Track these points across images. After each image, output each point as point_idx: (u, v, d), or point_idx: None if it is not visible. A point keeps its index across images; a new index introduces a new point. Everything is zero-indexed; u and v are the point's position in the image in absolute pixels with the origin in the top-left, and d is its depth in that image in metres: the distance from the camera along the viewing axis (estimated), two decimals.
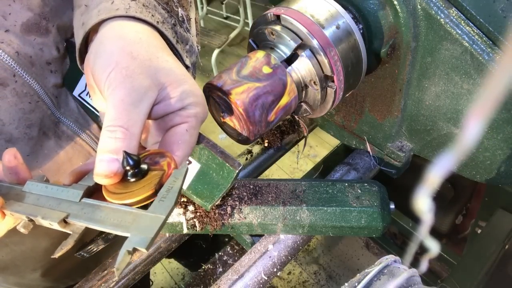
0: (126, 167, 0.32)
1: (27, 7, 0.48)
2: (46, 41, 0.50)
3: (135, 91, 0.34)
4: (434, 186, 0.16)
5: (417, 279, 0.37)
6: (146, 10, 0.41)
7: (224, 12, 3.29)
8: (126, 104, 0.34)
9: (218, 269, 1.08)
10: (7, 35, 0.46)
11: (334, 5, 0.48)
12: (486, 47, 0.44)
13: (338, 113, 0.68)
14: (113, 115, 0.33)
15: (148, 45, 0.38)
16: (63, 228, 0.32)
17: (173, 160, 0.34)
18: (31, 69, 0.49)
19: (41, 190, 0.35)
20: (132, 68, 0.35)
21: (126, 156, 0.31)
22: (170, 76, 0.37)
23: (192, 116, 0.37)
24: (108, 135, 0.33)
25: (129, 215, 0.30)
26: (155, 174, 0.32)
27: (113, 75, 0.35)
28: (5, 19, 0.46)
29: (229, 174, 0.47)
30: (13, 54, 0.47)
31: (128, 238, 0.28)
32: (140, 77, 0.35)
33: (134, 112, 0.34)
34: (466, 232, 1.28)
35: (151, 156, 0.35)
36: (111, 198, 0.32)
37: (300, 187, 0.56)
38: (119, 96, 0.34)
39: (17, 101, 0.49)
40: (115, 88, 0.34)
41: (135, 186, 0.32)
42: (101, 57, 0.36)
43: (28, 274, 0.68)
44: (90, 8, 0.41)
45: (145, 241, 0.27)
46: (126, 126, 0.33)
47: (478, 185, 1.21)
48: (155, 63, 0.37)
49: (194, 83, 0.38)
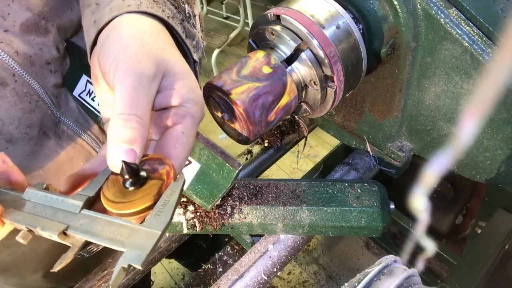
0: (124, 176, 0.31)
1: (26, 7, 0.48)
2: (45, 41, 0.50)
3: (145, 78, 0.34)
4: (431, 186, 0.16)
5: (417, 279, 0.37)
6: (157, 5, 0.41)
7: (224, 12, 3.29)
8: (138, 92, 0.33)
9: (218, 269, 1.08)
10: (6, 35, 0.46)
11: (334, 5, 0.48)
12: (486, 47, 0.44)
13: (338, 113, 0.68)
14: (125, 102, 0.33)
15: (157, 37, 0.38)
16: (63, 240, 0.32)
17: (172, 169, 0.33)
18: (31, 69, 0.49)
19: (40, 198, 0.35)
20: (141, 55, 0.35)
21: (125, 165, 0.31)
22: (175, 68, 0.37)
23: (189, 115, 0.36)
24: (122, 124, 0.32)
25: (125, 229, 0.30)
26: (154, 184, 0.32)
27: (122, 58, 0.34)
28: (4, 19, 0.46)
29: (229, 174, 0.47)
30: (12, 53, 0.47)
31: (123, 254, 0.28)
32: (148, 64, 0.34)
33: (145, 100, 0.33)
34: (466, 232, 1.28)
35: (149, 162, 0.34)
36: (109, 207, 0.32)
37: (300, 187, 0.56)
38: (131, 83, 0.33)
39: (17, 100, 0.49)
40: (124, 74, 0.34)
41: (134, 195, 0.32)
42: (110, 40, 0.36)
43: (29, 275, 0.68)
44: (101, 6, 0.41)
45: (140, 258, 0.27)
46: (140, 115, 0.32)
47: (478, 185, 1.21)
48: (161, 53, 0.37)
49: (196, 81, 0.38)
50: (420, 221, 0.18)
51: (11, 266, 0.65)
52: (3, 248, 0.61)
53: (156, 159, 0.34)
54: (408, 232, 1.31)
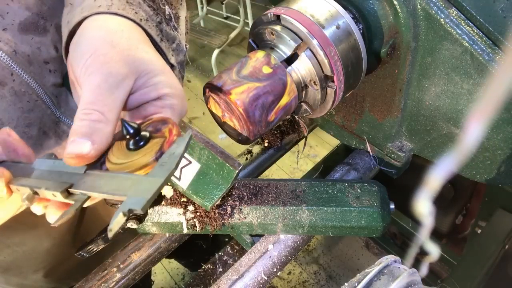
0: (126, 136, 0.31)
1: (25, 6, 0.48)
2: (44, 40, 0.50)
3: (112, 77, 0.34)
4: (435, 189, 0.16)
5: (417, 279, 0.37)
6: (130, 7, 0.41)
7: (224, 12, 3.29)
8: (102, 90, 0.33)
9: (218, 269, 1.08)
10: (4, 33, 0.46)
11: (334, 5, 0.48)
12: (486, 47, 0.44)
13: (338, 113, 0.68)
14: (88, 99, 0.33)
15: (129, 36, 0.38)
16: (66, 199, 0.32)
17: (175, 127, 0.33)
18: (29, 68, 0.49)
19: (48, 165, 0.35)
20: (111, 55, 0.35)
21: (124, 124, 0.31)
22: (148, 66, 0.37)
23: (167, 107, 0.36)
24: (82, 117, 0.32)
25: (128, 181, 0.30)
26: (157, 142, 0.32)
27: (90, 61, 0.34)
28: (3, 18, 0.46)
29: (229, 174, 0.47)
30: (10, 52, 0.47)
31: (124, 201, 0.28)
32: (118, 64, 0.34)
33: (111, 98, 0.33)
34: (466, 232, 1.28)
35: (153, 124, 0.34)
36: (113, 169, 0.32)
37: (300, 187, 0.56)
38: (96, 81, 0.33)
39: (16, 100, 0.49)
40: (91, 74, 0.34)
41: (137, 155, 0.32)
42: (80, 45, 0.36)
43: (30, 275, 0.68)
44: (74, 6, 0.41)
45: (141, 202, 0.27)
46: (102, 111, 0.32)
47: (478, 185, 1.21)
48: (133, 52, 0.36)
49: (173, 76, 0.38)
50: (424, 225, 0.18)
51: (12, 266, 0.65)
52: (4, 247, 0.61)
53: (160, 121, 0.34)
54: (408, 232, 1.31)
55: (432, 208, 0.17)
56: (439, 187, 0.16)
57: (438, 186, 0.16)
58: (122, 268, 0.57)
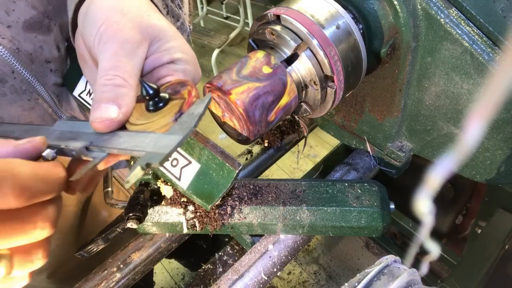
0: (145, 97, 0.32)
1: (31, 5, 0.48)
2: (47, 39, 0.50)
3: (128, 43, 0.34)
4: (435, 189, 0.16)
5: (417, 279, 0.37)
6: None
7: (224, 12, 3.29)
8: (120, 56, 0.33)
9: (218, 269, 1.08)
10: (8, 30, 0.46)
11: (334, 5, 0.48)
12: (486, 47, 0.44)
13: (338, 113, 0.68)
14: (108, 65, 0.32)
15: (138, 5, 0.38)
16: (85, 157, 0.32)
17: (194, 88, 0.33)
18: (31, 66, 0.49)
19: (69, 126, 0.36)
20: (123, 23, 0.35)
21: (144, 85, 0.31)
22: (161, 32, 0.37)
23: (180, 71, 0.36)
24: (105, 82, 0.32)
25: (147, 138, 0.30)
26: (176, 103, 0.32)
27: (103, 29, 0.34)
28: (8, 15, 0.46)
29: (229, 174, 0.47)
30: (13, 50, 0.47)
31: (142, 155, 0.28)
32: (132, 31, 0.34)
33: (130, 64, 0.33)
34: (466, 232, 1.28)
35: (172, 86, 0.34)
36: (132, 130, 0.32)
37: (300, 187, 0.56)
38: (112, 49, 0.33)
39: (16, 98, 0.49)
40: (107, 42, 0.34)
41: (156, 116, 0.32)
42: (91, 14, 0.36)
43: (34, 276, 0.68)
44: None
45: (159, 157, 0.27)
46: (123, 77, 0.32)
47: (478, 185, 1.21)
48: (145, 19, 0.36)
49: (185, 42, 0.38)
50: (424, 225, 0.18)
51: None
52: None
53: (179, 83, 0.34)
54: (408, 232, 1.31)
55: (432, 208, 0.17)
56: (439, 187, 0.16)
57: (438, 186, 0.16)
58: (122, 268, 0.57)
